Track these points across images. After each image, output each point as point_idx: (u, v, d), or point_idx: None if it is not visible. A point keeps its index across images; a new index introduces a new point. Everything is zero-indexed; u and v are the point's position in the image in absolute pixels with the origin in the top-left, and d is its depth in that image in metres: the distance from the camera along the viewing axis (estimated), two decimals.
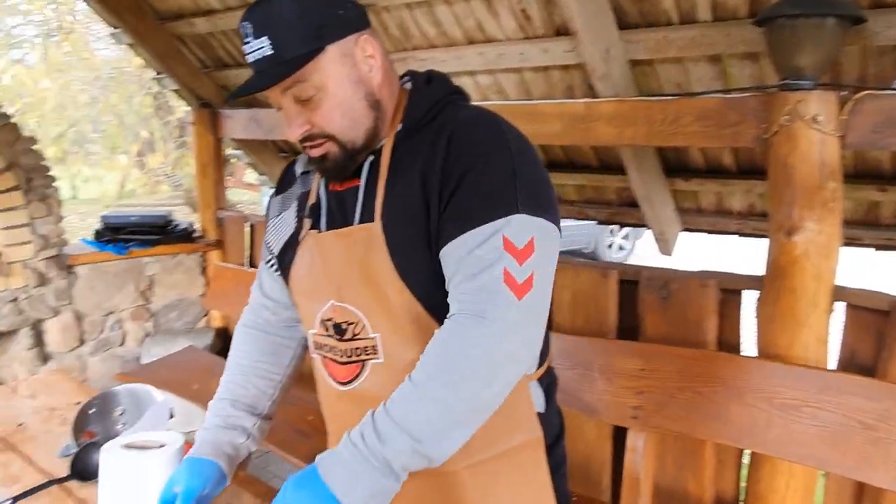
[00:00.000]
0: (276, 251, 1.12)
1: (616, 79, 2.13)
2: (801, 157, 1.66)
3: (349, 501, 0.82)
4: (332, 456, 0.86)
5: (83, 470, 1.31)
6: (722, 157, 2.41)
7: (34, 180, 2.99)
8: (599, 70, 2.07)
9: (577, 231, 7.73)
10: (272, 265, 1.16)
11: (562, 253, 0.97)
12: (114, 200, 11.84)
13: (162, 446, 1.14)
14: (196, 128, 3.46)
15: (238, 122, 3.34)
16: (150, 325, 3.47)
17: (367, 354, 0.98)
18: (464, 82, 2.65)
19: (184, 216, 4.13)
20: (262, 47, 0.89)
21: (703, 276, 1.95)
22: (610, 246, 8.20)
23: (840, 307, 1.77)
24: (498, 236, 0.85)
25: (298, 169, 1.14)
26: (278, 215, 1.14)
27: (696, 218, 2.71)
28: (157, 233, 3.36)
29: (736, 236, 2.64)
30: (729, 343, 2.01)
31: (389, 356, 0.96)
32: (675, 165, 2.56)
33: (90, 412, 1.49)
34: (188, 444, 1.14)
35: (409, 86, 1.04)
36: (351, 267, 0.97)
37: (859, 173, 2.17)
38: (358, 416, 0.95)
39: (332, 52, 0.91)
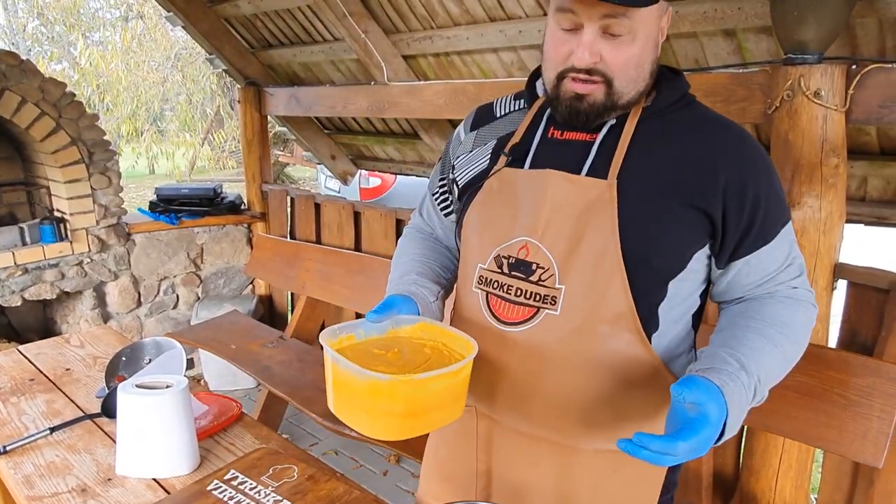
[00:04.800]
0: (460, 184, 1.14)
1: None
2: (801, 132, 1.64)
3: (730, 434, 0.90)
4: (733, 395, 0.89)
5: (111, 408, 1.49)
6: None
7: (95, 154, 3.25)
8: None
9: None
10: (437, 199, 1.24)
11: None
12: (185, 176, 12.43)
13: (168, 387, 1.30)
14: (242, 105, 3.64)
15: (280, 100, 3.50)
16: (199, 290, 3.73)
17: (545, 303, 0.98)
18: (488, 59, 2.70)
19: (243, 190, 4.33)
20: None
21: None
22: None
23: (843, 285, 1.76)
24: (794, 239, 1.03)
25: (500, 110, 1.15)
26: (471, 151, 1.14)
27: None
28: (206, 204, 3.58)
29: None
30: None
31: (566, 311, 0.97)
32: None
33: (122, 360, 1.68)
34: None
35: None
36: (566, 213, 0.98)
37: (885, 150, 2.10)
38: (519, 358, 1.01)
39: (657, 8, 0.94)
